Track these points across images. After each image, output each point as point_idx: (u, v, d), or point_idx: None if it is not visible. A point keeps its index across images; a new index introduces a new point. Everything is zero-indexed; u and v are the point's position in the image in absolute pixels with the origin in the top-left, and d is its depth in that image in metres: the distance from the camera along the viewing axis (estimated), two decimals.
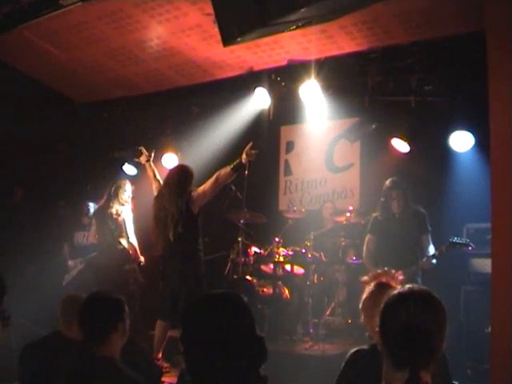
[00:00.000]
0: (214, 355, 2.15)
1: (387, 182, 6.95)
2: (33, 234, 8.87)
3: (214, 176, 6.79)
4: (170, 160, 9.27)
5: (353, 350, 3.51)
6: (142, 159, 7.63)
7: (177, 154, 9.35)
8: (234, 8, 4.72)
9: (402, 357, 2.35)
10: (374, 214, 7.13)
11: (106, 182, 8.42)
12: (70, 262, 8.63)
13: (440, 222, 6.91)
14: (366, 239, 7.08)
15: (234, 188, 8.24)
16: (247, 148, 6.66)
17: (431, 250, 6.57)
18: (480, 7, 5.37)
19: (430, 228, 6.75)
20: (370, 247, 7.03)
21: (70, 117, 9.81)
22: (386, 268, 6.28)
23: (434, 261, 6.49)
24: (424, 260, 6.53)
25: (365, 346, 3.46)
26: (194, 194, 6.81)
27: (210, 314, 2.21)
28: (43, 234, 8.91)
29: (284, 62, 8.19)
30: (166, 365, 6.73)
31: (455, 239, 6.44)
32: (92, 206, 8.83)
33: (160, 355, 6.80)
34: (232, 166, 6.70)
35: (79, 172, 9.87)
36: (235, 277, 8.22)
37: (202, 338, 2.18)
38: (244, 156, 6.62)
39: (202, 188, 6.82)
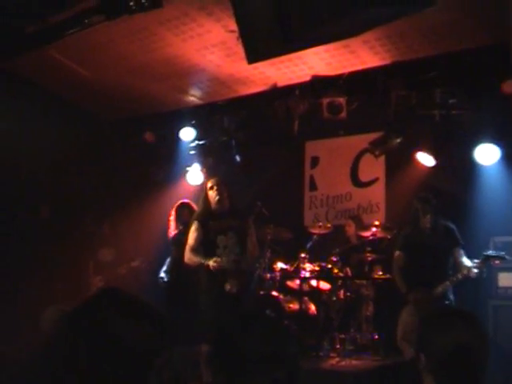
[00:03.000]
0: (254, 368, 2.15)
1: (417, 197, 6.90)
2: (59, 252, 8.95)
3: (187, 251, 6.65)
4: (195, 176, 9.32)
5: None
6: None
7: (202, 171, 9.38)
8: (258, 25, 4.74)
9: (448, 379, 2.28)
10: (404, 231, 7.08)
11: (136, 198, 8.44)
12: (94, 279, 8.60)
13: (466, 236, 6.85)
14: (396, 256, 7.00)
15: (259, 204, 8.25)
16: (214, 265, 6.30)
17: (466, 262, 6.48)
18: (504, 20, 5.36)
19: (462, 242, 6.68)
20: (400, 264, 6.94)
21: (97, 134, 9.91)
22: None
23: (476, 270, 6.37)
24: (465, 272, 6.43)
25: None
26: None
27: (246, 333, 2.22)
28: (69, 251, 9.00)
29: (308, 78, 8.22)
30: None
31: (490, 252, 6.40)
32: None
33: None
34: (203, 260, 6.42)
35: (104, 190, 9.94)
36: (261, 293, 8.22)
37: (242, 355, 2.18)
38: (212, 263, 6.30)
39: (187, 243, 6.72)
